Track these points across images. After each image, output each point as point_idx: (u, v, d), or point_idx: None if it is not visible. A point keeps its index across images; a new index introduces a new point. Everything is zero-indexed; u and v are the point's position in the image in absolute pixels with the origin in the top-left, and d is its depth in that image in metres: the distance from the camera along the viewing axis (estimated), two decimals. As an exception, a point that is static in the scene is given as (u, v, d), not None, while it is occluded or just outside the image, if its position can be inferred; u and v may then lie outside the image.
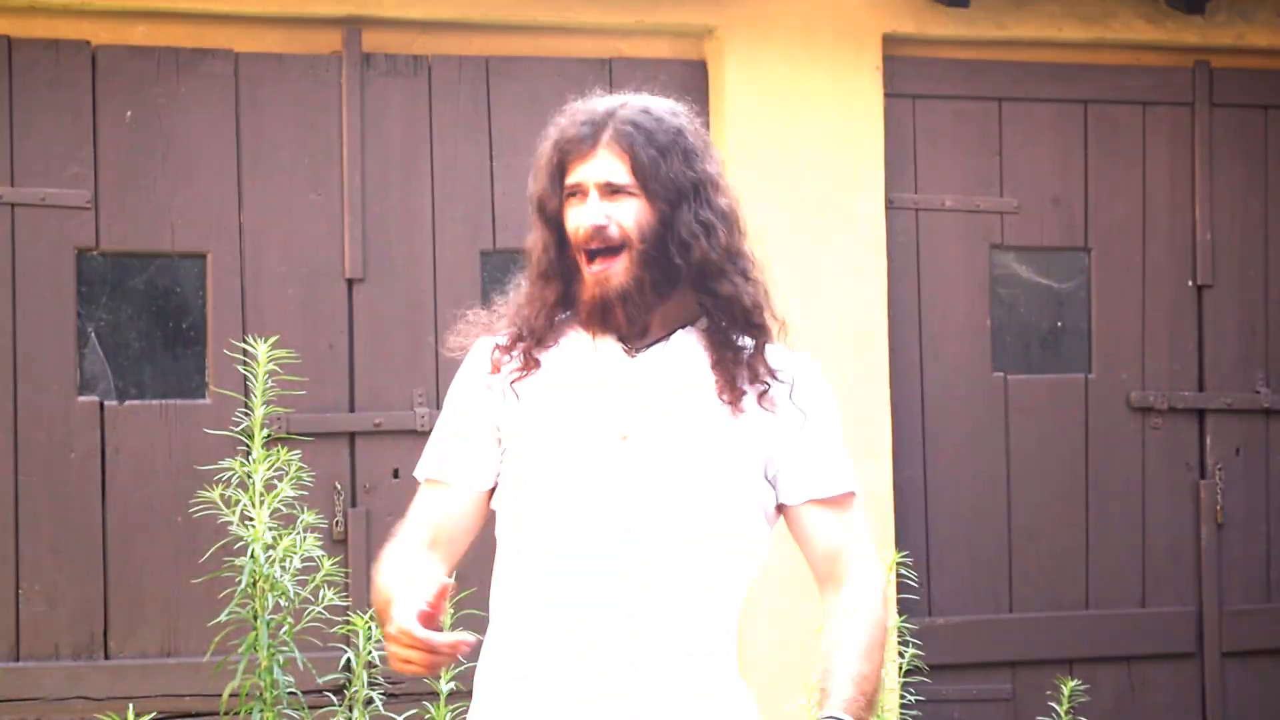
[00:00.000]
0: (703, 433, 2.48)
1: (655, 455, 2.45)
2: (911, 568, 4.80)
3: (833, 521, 2.58)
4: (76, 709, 4.75)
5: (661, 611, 2.44)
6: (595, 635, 2.41)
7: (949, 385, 5.45)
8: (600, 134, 2.56)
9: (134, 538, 4.85)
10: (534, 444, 2.47)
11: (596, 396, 2.47)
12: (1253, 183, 5.72)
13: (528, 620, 2.45)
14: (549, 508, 2.45)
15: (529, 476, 2.46)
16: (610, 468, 2.44)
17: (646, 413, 2.47)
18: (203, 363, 4.94)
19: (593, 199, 2.49)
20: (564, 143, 2.57)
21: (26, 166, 4.83)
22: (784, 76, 5.25)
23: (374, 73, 5.05)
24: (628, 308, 2.47)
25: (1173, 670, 5.61)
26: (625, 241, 2.48)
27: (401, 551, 2.48)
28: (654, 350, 2.51)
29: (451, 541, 2.53)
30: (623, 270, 2.48)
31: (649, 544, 2.43)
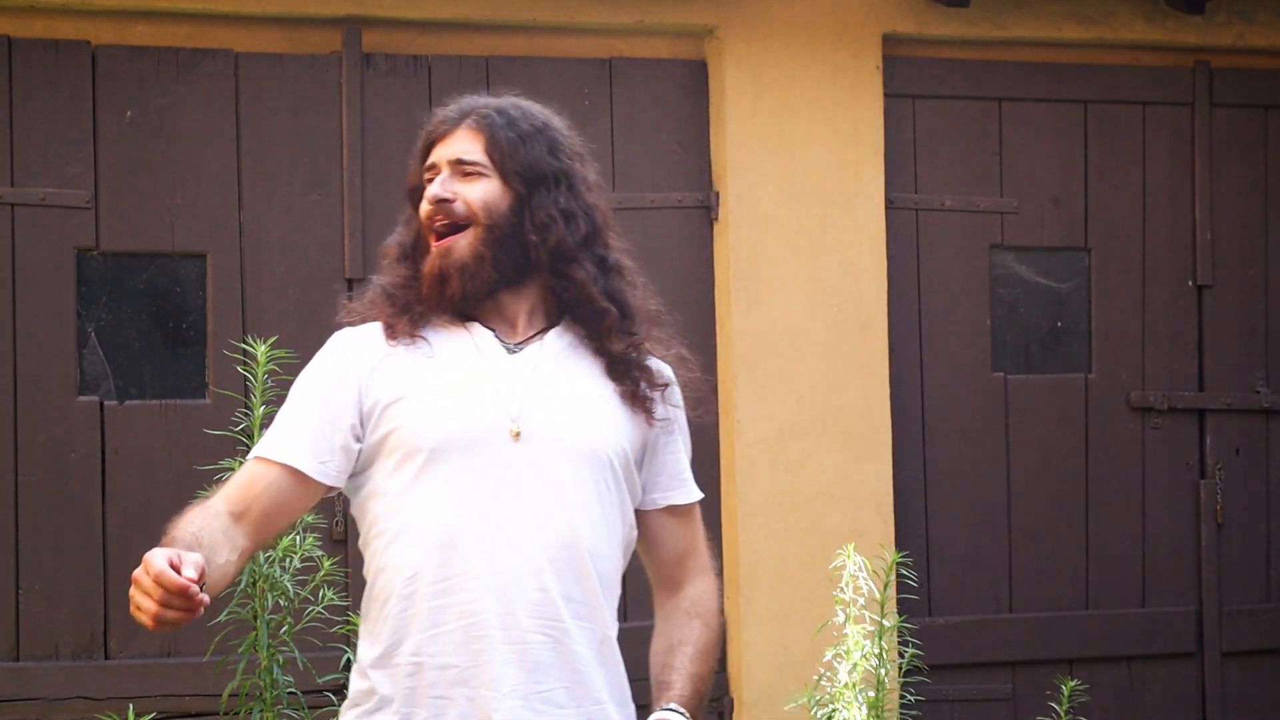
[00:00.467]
0: (595, 424, 2.49)
1: (548, 448, 2.45)
2: (911, 568, 4.80)
3: (682, 528, 2.63)
4: (76, 709, 4.75)
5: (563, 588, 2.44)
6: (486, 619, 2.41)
7: (949, 385, 5.45)
8: (463, 118, 2.57)
9: (134, 538, 4.85)
10: (423, 440, 2.44)
11: (485, 391, 2.47)
12: (1253, 183, 5.72)
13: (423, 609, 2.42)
14: (443, 506, 2.43)
15: (420, 473, 2.44)
16: (505, 463, 2.44)
17: (537, 407, 2.47)
18: (203, 363, 4.94)
19: (442, 176, 2.51)
20: (430, 130, 2.59)
21: (26, 166, 4.83)
22: (784, 76, 5.25)
23: (374, 73, 5.05)
24: (464, 281, 2.47)
25: (1173, 670, 5.61)
26: (471, 219, 2.49)
27: (204, 515, 2.39)
28: (533, 347, 2.52)
29: (264, 520, 2.45)
30: (466, 245, 2.48)
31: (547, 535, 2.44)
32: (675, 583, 2.61)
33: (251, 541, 2.45)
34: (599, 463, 2.47)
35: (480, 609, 2.40)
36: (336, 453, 2.48)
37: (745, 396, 5.17)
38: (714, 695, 5.18)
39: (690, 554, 2.63)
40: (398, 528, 2.45)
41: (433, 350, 2.51)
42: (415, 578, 2.42)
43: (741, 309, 5.18)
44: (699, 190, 5.27)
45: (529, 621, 2.41)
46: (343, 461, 2.48)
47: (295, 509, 2.50)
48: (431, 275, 2.49)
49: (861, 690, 4.30)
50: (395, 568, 2.44)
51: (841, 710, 4.28)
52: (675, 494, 2.61)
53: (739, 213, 5.19)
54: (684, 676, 2.51)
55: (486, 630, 2.40)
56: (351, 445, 2.48)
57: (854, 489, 5.22)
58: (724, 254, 5.22)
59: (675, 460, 2.61)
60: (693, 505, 2.64)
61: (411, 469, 2.44)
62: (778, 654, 5.12)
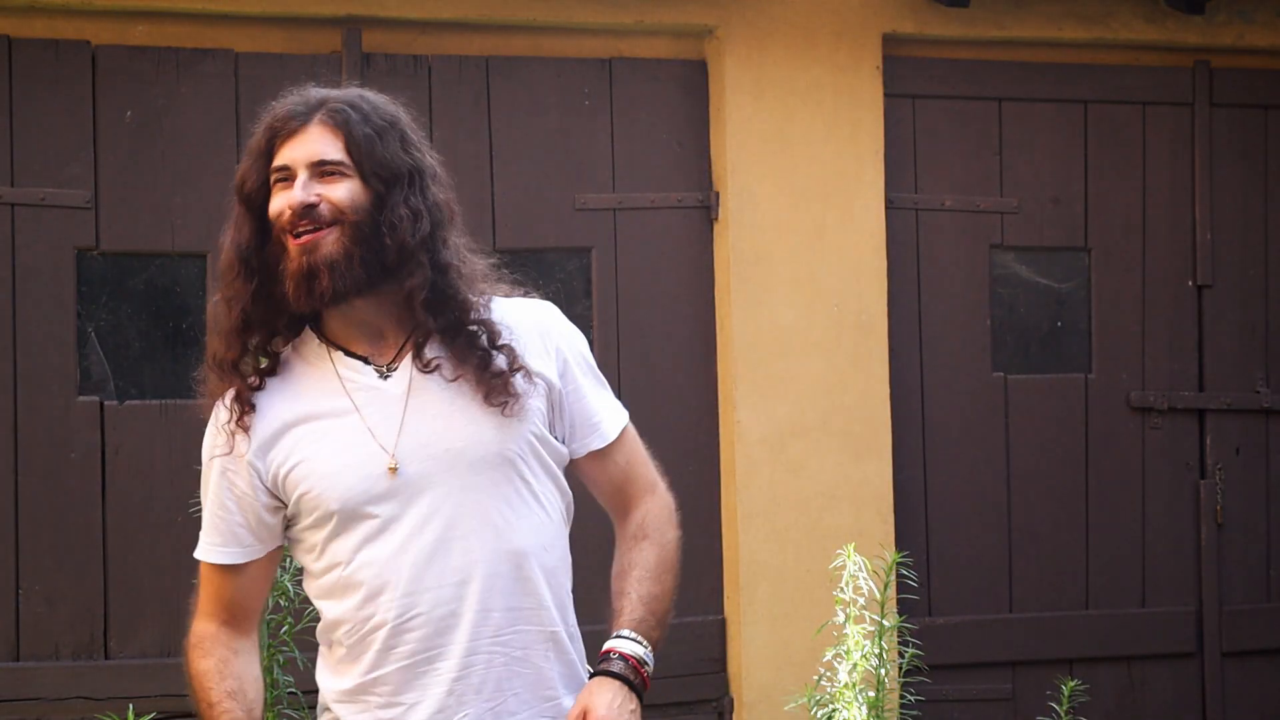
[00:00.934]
0: (485, 429, 2.44)
1: (448, 472, 2.42)
2: (911, 568, 4.80)
3: (611, 461, 2.58)
4: (76, 709, 4.75)
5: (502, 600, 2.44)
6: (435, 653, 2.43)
7: (949, 385, 5.45)
8: (313, 114, 2.49)
9: (134, 538, 4.85)
10: (328, 503, 2.43)
11: (370, 434, 2.43)
12: (1253, 183, 5.72)
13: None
14: (365, 556, 2.43)
15: (338, 529, 2.44)
16: (410, 498, 2.41)
17: (423, 434, 2.42)
18: (203, 363, 4.93)
19: (302, 179, 2.43)
20: (274, 123, 2.49)
21: (26, 166, 4.83)
22: (784, 76, 5.25)
23: (374, 73, 5.05)
24: (334, 278, 2.40)
25: (1173, 670, 5.61)
26: (338, 218, 2.42)
27: (210, 649, 2.51)
28: (404, 364, 2.46)
29: (248, 610, 2.56)
30: (333, 241, 2.41)
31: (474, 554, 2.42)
32: (623, 510, 2.60)
33: (255, 631, 2.58)
34: (503, 461, 2.44)
35: (420, 647, 2.41)
36: (254, 531, 2.51)
37: (745, 396, 5.17)
38: (714, 695, 5.19)
39: (627, 482, 2.59)
40: (329, 581, 2.47)
41: (307, 391, 2.46)
42: (354, 629, 2.45)
43: (741, 309, 5.18)
44: (699, 190, 5.26)
45: (471, 644, 2.42)
46: (267, 532, 2.52)
47: (264, 582, 2.57)
48: (298, 273, 2.40)
49: (861, 690, 4.30)
50: (335, 620, 2.47)
51: (841, 710, 4.28)
52: (591, 439, 2.56)
53: (739, 213, 5.19)
54: (634, 600, 2.49)
55: (430, 664, 2.41)
56: (268, 518, 2.50)
57: (854, 489, 5.22)
58: (724, 254, 5.22)
59: (580, 406, 2.54)
60: (614, 441, 2.57)
61: (328, 527, 2.45)
62: (778, 654, 5.12)
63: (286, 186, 2.44)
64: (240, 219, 2.49)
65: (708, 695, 5.18)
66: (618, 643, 2.46)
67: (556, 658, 2.49)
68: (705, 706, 5.17)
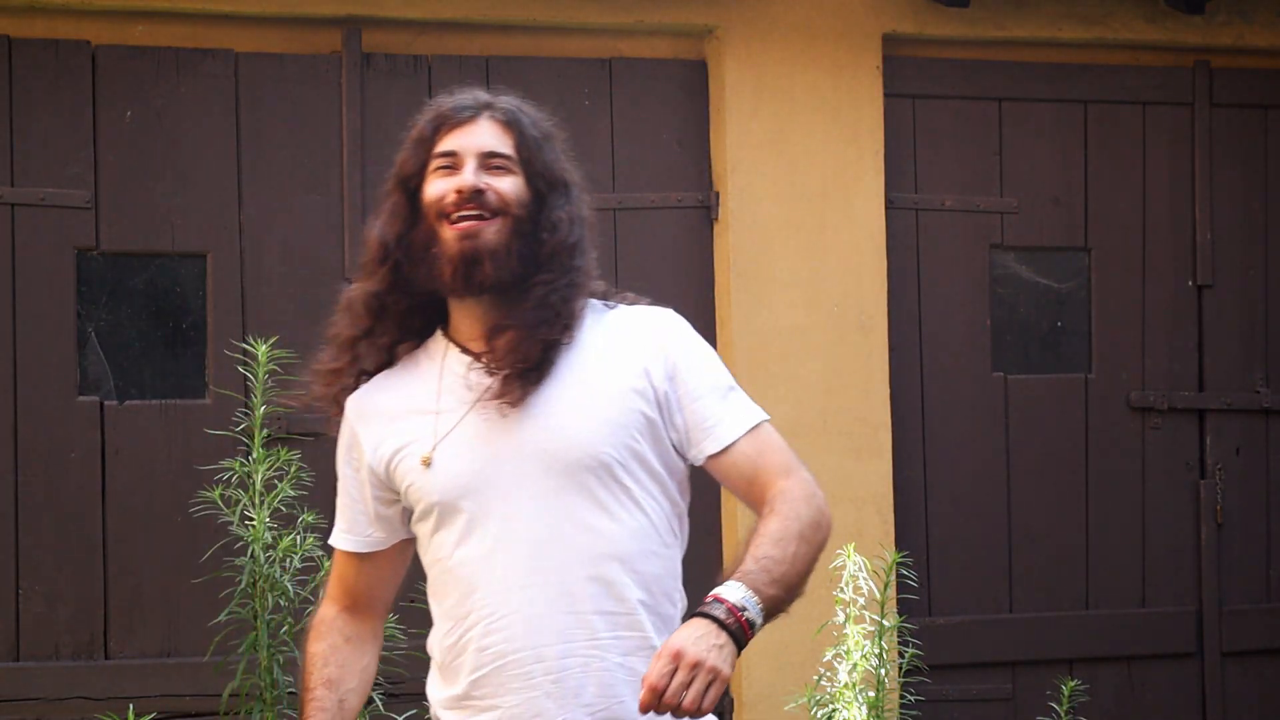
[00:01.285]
0: (585, 430, 2.43)
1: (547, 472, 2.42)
2: (911, 568, 4.80)
3: (735, 461, 2.51)
4: (76, 709, 4.75)
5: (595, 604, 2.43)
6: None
7: (949, 385, 5.45)
8: (482, 111, 2.54)
9: (134, 538, 4.85)
10: (428, 496, 2.46)
11: (472, 429, 2.44)
12: (1253, 183, 5.72)
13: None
14: (462, 553, 2.44)
15: (438, 524, 2.46)
16: (508, 496, 2.42)
17: (525, 432, 2.43)
18: (203, 363, 4.94)
19: (471, 166, 2.46)
20: (442, 113, 2.53)
21: (26, 166, 4.83)
22: (784, 76, 5.25)
23: (374, 73, 5.05)
24: (495, 266, 2.43)
25: (1173, 670, 5.61)
26: (502, 209, 2.45)
27: (325, 633, 2.57)
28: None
29: (372, 599, 2.61)
30: (495, 231, 2.44)
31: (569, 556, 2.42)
32: (759, 501, 2.53)
33: (378, 617, 2.63)
34: (599, 463, 2.43)
35: (513, 647, 2.41)
36: (375, 523, 2.57)
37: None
38: (714, 695, 5.18)
39: (757, 474, 2.51)
40: (433, 577, 2.50)
41: (417, 388, 2.50)
42: (453, 628, 2.46)
43: (741, 309, 5.18)
44: (699, 190, 5.26)
45: (561, 647, 2.40)
46: (387, 525, 2.57)
47: (392, 574, 2.62)
48: (459, 257, 2.43)
49: (861, 690, 4.30)
50: (438, 617, 2.50)
51: (841, 710, 4.28)
52: (706, 443, 2.50)
53: (739, 213, 5.19)
54: (747, 558, 2.40)
55: (522, 666, 2.41)
56: (385, 510, 2.55)
57: (854, 489, 5.22)
58: (724, 254, 5.22)
59: (695, 411, 2.50)
60: (733, 443, 2.50)
61: (431, 520, 2.47)
62: (778, 654, 5.12)
63: (449, 173, 2.48)
64: (397, 205, 2.51)
65: (708, 695, 5.17)
66: (719, 589, 2.37)
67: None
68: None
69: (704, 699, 2.23)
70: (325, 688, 2.52)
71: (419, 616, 4.28)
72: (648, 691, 2.21)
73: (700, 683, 2.24)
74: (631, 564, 2.44)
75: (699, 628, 2.30)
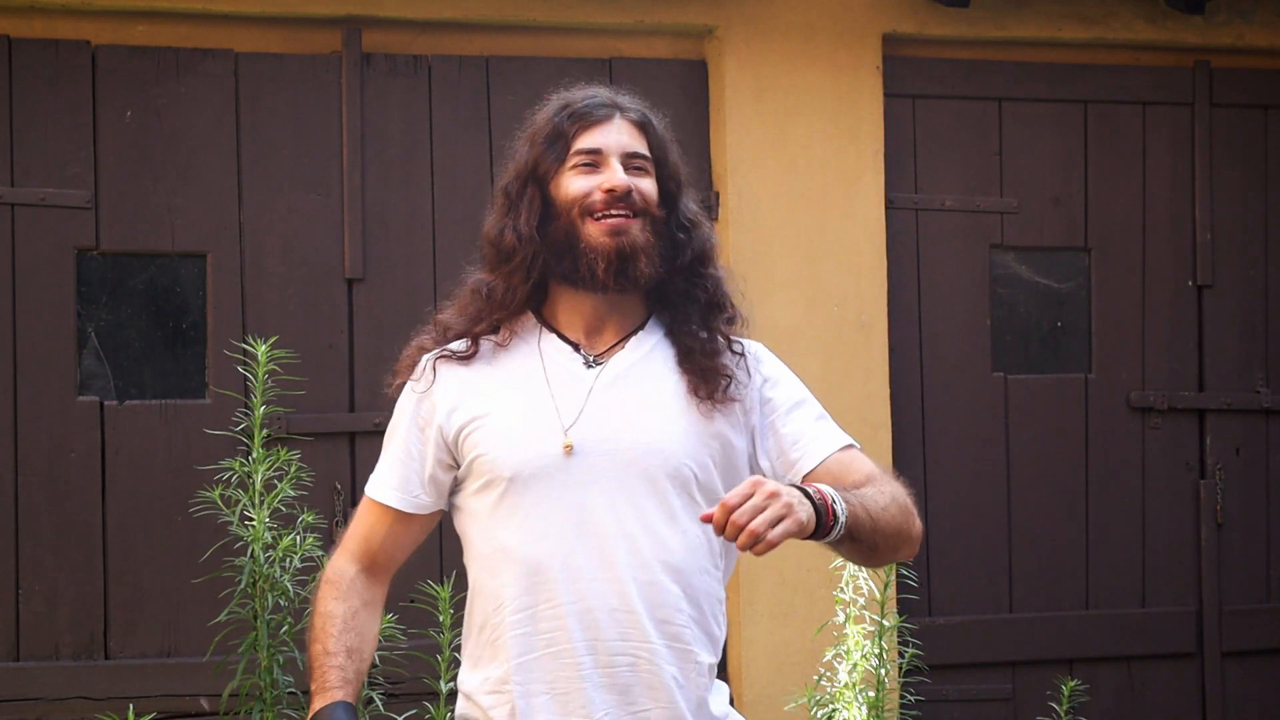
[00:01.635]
0: (671, 436, 2.46)
1: (624, 468, 2.43)
2: (911, 568, 4.80)
3: (835, 467, 2.52)
4: (76, 709, 4.75)
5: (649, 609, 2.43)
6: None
7: (949, 385, 5.45)
8: (615, 110, 2.57)
9: (134, 538, 4.85)
10: (501, 468, 2.46)
11: (559, 413, 2.46)
12: (1253, 183, 5.72)
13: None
14: (526, 532, 2.44)
15: (503, 498, 2.46)
16: (582, 484, 2.43)
17: (609, 426, 2.45)
18: (203, 363, 4.94)
19: (617, 166, 2.50)
20: (573, 112, 2.55)
21: (26, 166, 4.83)
22: (784, 76, 5.25)
23: (374, 73, 5.05)
24: (648, 263, 2.48)
25: (1173, 670, 5.61)
26: (645, 209, 2.50)
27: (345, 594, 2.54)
28: (615, 357, 2.51)
29: (390, 560, 2.60)
30: (639, 229, 2.49)
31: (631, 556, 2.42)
32: None
33: (385, 584, 2.61)
34: (678, 474, 2.45)
35: (566, 635, 2.41)
36: (426, 485, 2.55)
37: (745, 396, 5.16)
38: (714, 695, 5.19)
39: (847, 475, 2.51)
40: (487, 553, 2.48)
41: (508, 365, 2.52)
42: (502, 606, 2.45)
43: (741, 309, 5.17)
44: (699, 190, 5.25)
45: (616, 644, 2.41)
46: (435, 491, 2.56)
47: (413, 543, 2.62)
48: (613, 253, 2.46)
49: (861, 690, 4.30)
50: (486, 594, 2.48)
51: (841, 710, 4.28)
52: (802, 463, 2.52)
53: (739, 213, 5.19)
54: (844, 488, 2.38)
55: (574, 656, 2.41)
56: (440, 475, 2.54)
57: (854, 489, 5.21)
58: (724, 254, 5.21)
59: (787, 435, 2.53)
60: (829, 459, 2.51)
61: (495, 494, 2.47)
62: (778, 654, 5.12)
63: (590, 171, 2.50)
64: (531, 200, 2.52)
65: (708, 695, 5.17)
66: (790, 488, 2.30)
67: (689, 684, 2.46)
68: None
69: (772, 528, 2.19)
70: (347, 655, 2.49)
71: (419, 616, 4.29)
72: (720, 508, 2.20)
73: (773, 511, 2.20)
74: (688, 577, 2.46)
75: (782, 485, 2.26)
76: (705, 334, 2.54)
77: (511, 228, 2.52)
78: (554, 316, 2.55)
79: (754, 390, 2.55)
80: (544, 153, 2.53)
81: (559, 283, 2.53)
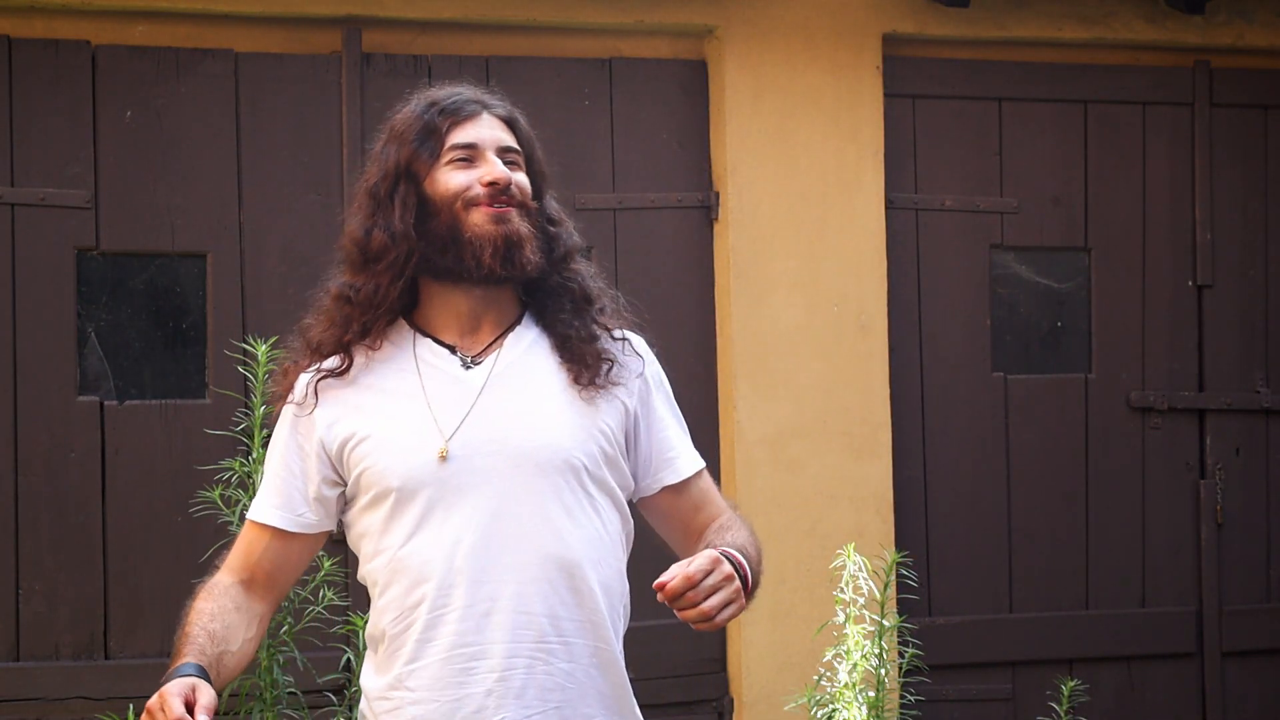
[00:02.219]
0: (557, 431, 2.46)
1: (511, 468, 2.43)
2: (911, 568, 4.80)
3: (683, 499, 2.56)
4: (76, 709, 4.75)
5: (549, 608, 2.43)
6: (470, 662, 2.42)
7: (949, 385, 5.46)
8: (483, 106, 2.56)
9: (134, 537, 4.85)
10: (388, 480, 2.44)
11: (439, 419, 2.44)
12: (1253, 183, 5.72)
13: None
14: (418, 543, 2.43)
15: (393, 512, 2.44)
16: (471, 489, 2.42)
17: (493, 426, 2.44)
18: (203, 363, 4.94)
19: (494, 159, 2.49)
20: (444, 109, 2.53)
21: (26, 166, 4.83)
22: (784, 76, 5.25)
23: (374, 73, 5.05)
24: (532, 251, 2.48)
25: (1173, 670, 5.62)
26: (523, 201, 2.50)
27: (216, 595, 2.50)
28: (490, 357, 2.50)
29: (271, 580, 2.55)
30: (520, 220, 2.48)
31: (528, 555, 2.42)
32: (700, 528, 2.56)
33: (268, 603, 2.55)
34: (568, 468, 2.44)
35: (459, 641, 2.40)
36: (311, 504, 2.52)
37: (745, 396, 5.17)
38: (714, 695, 5.19)
39: (696, 515, 2.57)
40: (380, 566, 2.46)
41: (384, 374, 2.49)
42: (400, 618, 2.44)
43: (741, 309, 5.18)
44: (699, 190, 5.27)
45: (512, 646, 2.40)
46: (322, 509, 2.52)
47: (298, 562, 2.56)
48: (505, 239, 2.46)
49: (861, 690, 4.30)
50: (382, 607, 2.47)
51: (841, 710, 4.28)
52: (665, 473, 2.56)
53: (739, 213, 5.19)
54: (740, 543, 2.43)
55: (466, 662, 2.40)
56: (327, 492, 2.51)
57: (854, 489, 5.22)
58: (724, 254, 5.22)
59: (660, 440, 2.56)
60: (690, 478, 2.57)
61: (385, 508, 2.45)
62: (778, 654, 5.12)
63: (466, 165, 2.49)
64: (405, 198, 2.50)
65: (708, 695, 5.18)
66: (729, 549, 2.37)
67: (603, 676, 2.46)
68: (705, 706, 5.17)
69: (723, 611, 2.27)
70: (207, 637, 2.45)
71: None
72: (682, 579, 2.23)
73: (725, 595, 2.27)
74: (591, 570, 2.45)
75: (727, 562, 2.32)
76: (578, 323, 2.53)
77: (382, 227, 2.49)
78: (426, 320, 2.53)
79: (635, 379, 2.56)
80: (416, 150, 2.51)
81: (433, 281, 2.51)
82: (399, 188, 2.51)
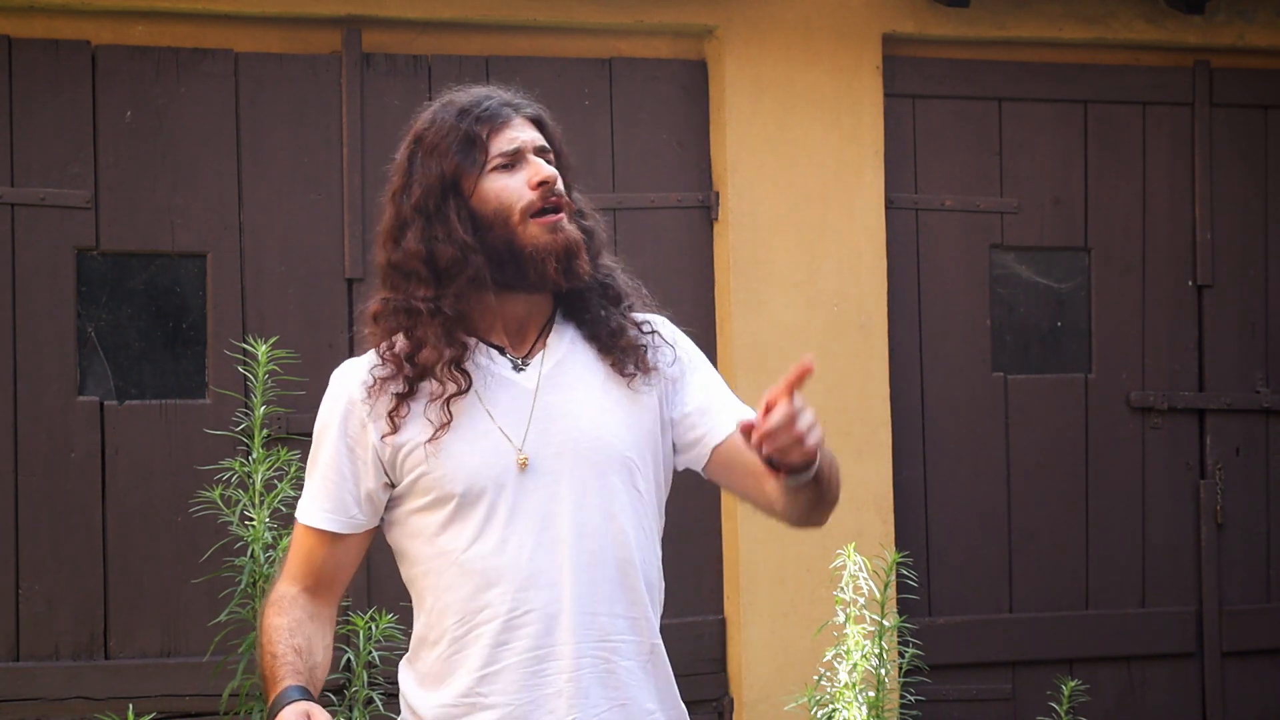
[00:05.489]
0: (608, 428, 2.46)
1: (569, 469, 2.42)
2: (911, 568, 4.80)
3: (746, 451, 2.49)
4: (76, 709, 4.75)
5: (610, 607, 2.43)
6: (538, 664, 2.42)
7: (949, 385, 5.45)
8: (514, 109, 2.54)
9: (134, 538, 4.85)
10: (451, 485, 2.42)
11: (498, 422, 2.43)
12: (1253, 183, 5.72)
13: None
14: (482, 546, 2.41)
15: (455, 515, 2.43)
16: (531, 491, 2.41)
17: (549, 429, 2.43)
18: (203, 363, 4.94)
19: (537, 160, 2.47)
20: (478, 118, 2.49)
21: (26, 166, 4.83)
22: (784, 76, 5.25)
23: (374, 73, 5.05)
24: (583, 255, 2.47)
25: (1173, 670, 5.61)
26: (567, 200, 2.50)
27: (288, 609, 2.48)
28: (537, 358, 2.48)
29: (333, 581, 2.54)
30: (568, 221, 2.47)
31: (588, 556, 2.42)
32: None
33: (333, 605, 2.56)
34: (624, 466, 2.45)
35: (533, 644, 2.40)
36: (362, 504, 2.50)
37: (745, 396, 5.14)
38: (714, 695, 5.19)
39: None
40: (440, 569, 2.44)
41: (439, 380, 2.45)
42: (463, 620, 2.42)
43: (741, 309, 5.18)
44: (699, 190, 5.27)
45: (579, 647, 2.40)
46: (371, 507, 2.50)
47: (355, 559, 2.55)
48: (564, 249, 2.43)
49: (861, 690, 4.30)
50: (442, 610, 2.45)
51: (841, 710, 4.29)
52: (715, 433, 2.54)
53: (739, 213, 5.19)
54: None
55: (539, 665, 2.40)
56: (378, 493, 2.49)
57: (854, 489, 5.22)
58: (724, 254, 5.22)
59: (700, 402, 2.55)
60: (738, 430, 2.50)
61: (445, 511, 2.43)
62: (778, 654, 5.12)
63: (508, 171, 2.46)
64: (459, 211, 2.44)
65: (708, 695, 5.18)
66: None
67: (655, 671, 2.48)
68: (705, 706, 5.17)
69: (813, 443, 2.36)
70: (295, 654, 2.43)
71: (419, 616, 4.29)
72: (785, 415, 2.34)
73: (819, 432, 2.38)
74: (643, 567, 2.47)
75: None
76: (614, 318, 2.52)
77: (445, 241, 2.43)
78: (471, 324, 2.48)
79: (670, 368, 2.55)
80: (460, 162, 2.46)
81: (486, 291, 2.46)
82: (448, 201, 2.46)
